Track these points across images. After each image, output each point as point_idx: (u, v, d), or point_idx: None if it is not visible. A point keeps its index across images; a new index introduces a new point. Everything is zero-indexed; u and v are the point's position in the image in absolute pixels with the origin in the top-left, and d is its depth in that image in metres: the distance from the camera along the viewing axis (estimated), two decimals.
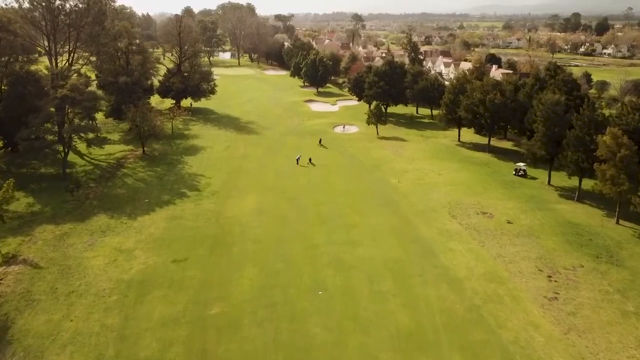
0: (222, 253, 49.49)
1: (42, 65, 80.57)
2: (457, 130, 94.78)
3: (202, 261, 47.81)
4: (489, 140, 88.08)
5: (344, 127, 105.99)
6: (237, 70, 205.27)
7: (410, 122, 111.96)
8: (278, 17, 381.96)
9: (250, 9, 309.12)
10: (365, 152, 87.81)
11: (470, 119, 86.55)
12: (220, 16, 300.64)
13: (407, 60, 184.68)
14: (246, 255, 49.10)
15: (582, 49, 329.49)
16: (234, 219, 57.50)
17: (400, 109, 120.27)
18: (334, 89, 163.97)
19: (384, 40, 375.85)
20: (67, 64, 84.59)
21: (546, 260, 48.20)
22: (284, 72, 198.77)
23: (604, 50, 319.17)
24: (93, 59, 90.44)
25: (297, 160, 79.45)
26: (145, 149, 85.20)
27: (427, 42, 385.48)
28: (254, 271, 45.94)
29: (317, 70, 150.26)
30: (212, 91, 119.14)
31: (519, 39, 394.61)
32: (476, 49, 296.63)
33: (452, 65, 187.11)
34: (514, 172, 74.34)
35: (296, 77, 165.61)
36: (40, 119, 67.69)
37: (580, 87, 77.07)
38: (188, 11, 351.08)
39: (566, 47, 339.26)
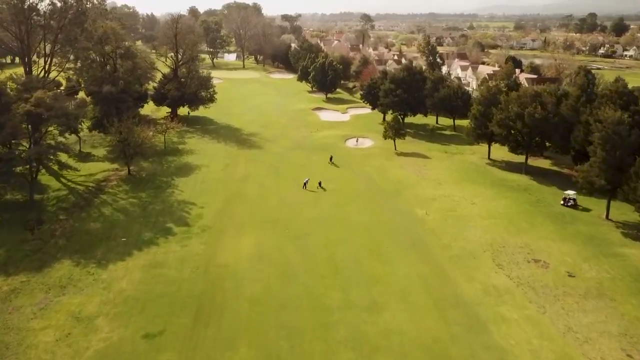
0: (209, 322, 38.38)
1: (9, 73, 69.96)
2: (487, 146, 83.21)
3: (182, 335, 36.74)
4: (526, 160, 76.49)
5: (357, 141, 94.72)
6: (241, 74, 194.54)
7: (431, 134, 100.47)
8: (285, 17, 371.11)
9: (257, 8, 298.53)
10: (383, 172, 76.55)
11: (504, 135, 75.09)
12: (225, 16, 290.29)
13: (421, 63, 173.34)
14: (240, 326, 37.95)
15: (601, 51, 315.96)
16: (227, 269, 46.41)
17: (418, 119, 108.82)
18: (344, 95, 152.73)
19: (393, 41, 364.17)
20: (43, 71, 74.04)
21: (633, 338, 36.73)
22: (290, 76, 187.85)
23: (625, 52, 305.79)
24: (73, 65, 79.42)
25: (305, 184, 68.32)
26: (131, 169, 74.41)
27: (439, 43, 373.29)
28: (249, 354, 34.80)
29: (326, 75, 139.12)
30: (212, 99, 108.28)
31: (533, 40, 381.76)
32: (492, 51, 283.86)
33: (470, 68, 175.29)
34: (561, 202, 62.76)
35: (303, 81, 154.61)
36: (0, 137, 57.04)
37: (638, 99, 65.55)
38: (193, 11, 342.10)
39: (584, 48, 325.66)
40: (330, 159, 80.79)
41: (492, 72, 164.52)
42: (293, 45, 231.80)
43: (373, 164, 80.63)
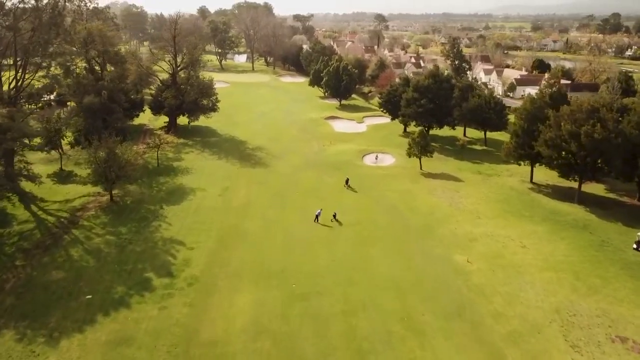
0: None
1: None
2: (529, 167, 71.19)
3: None
4: (579, 186, 64.38)
5: (376, 158, 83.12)
6: (249, 77, 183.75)
7: (460, 150, 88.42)
8: (297, 17, 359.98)
9: (267, 8, 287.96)
10: (409, 199, 64.95)
11: (554, 158, 63.10)
12: (235, 16, 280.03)
13: (443, 67, 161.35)
14: None
15: (628, 52, 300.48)
16: (214, 350, 35.21)
17: (443, 131, 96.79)
18: (359, 101, 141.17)
19: (409, 42, 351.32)
20: (14, 81, 63.52)
21: None
22: (301, 79, 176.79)
23: None
24: (44, 73, 68.68)
25: (317, 216, 56.96)
26: (114, 193, 63.69)
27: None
28: None
29: (340, 80, 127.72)
30: (213, 108, 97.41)
31: (555, 41, 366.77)
32: (517, 53, 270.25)
33: (494, 72, 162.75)
34: (634, 246, 50.70)
35: (315, 86, 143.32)
36: None
37: None
38: (202, 11, 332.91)
39: (610, 50, 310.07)
40: (346, 182, 69.32)
41: (519, 76, 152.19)
42: (305, 46, 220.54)
43: (397, 188, 69.03)
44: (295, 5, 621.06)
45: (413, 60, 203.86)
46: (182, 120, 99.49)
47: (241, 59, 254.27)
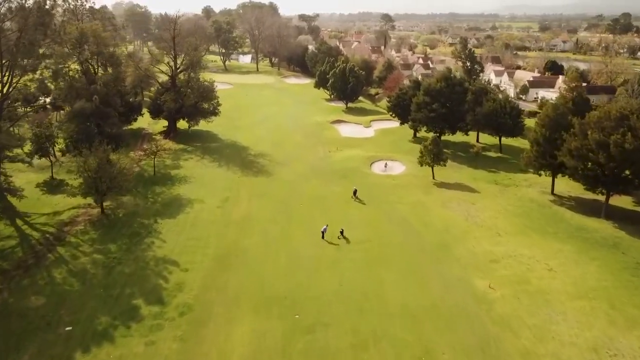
0: None
1: None
2: (550, 177, 66.44)
3: None
4: (607, 200, 59.57)
5: (385, 166, 78.53)
6: (254, 78, 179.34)
7: (474, 157, 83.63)
8: (302, 17, 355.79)
9: (273, 8, 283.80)
10: (423, 212, 60.38)
11: (579, 169, 58.38)
12: (240, 15, 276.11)
13: (452, 68, 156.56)
14: None
15: None
16: None
17: (455, 137, 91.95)
18: (366, 104, 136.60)
19: (415, 42, 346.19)
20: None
21: None
22: (306, 81, 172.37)
23: None
24: (31, 76, 64.53)
25: (323, 232, 52.51)
26: (105, 205, 59.57)
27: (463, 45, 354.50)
28: None
29: (347, 82, 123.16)
30: (214, 112, 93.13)
31: (564, 41, 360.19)
32: (528, 54, 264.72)
33: (505, 74, 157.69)
34: None
35: (321, 88, 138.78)
36: None
37: None
38: (207, 11, 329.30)
39: (622, 51, 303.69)
40: (354, 193, 64.79)
41: (532, 78, 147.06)
42: (310, 47, 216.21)
43: (408, 200, 64.47)
44: (300, 5, 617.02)
45: (421, 61, 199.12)
46: (183, 124, 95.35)
47: (246, 59, 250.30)
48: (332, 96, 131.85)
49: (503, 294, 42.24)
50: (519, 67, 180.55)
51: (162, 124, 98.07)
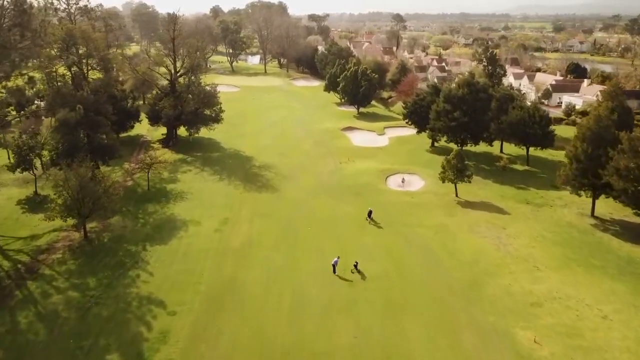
0: None
1: None
2: (591, 198, 58.79)
3: None
4: None
5: (403, 181, 71.25)
6: (261, 80, 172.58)
7: (501, 171, 76.00)
8: (312, 17, 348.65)
9: (282, 7, 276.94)
10: (447, 239, 53.08)
11: (630, 191, 50.79)
12: (249, 15, 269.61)
13: (467, 70, 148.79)
14: None
15: None
16: None
17: (476, 147, 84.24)
18: (379, 109, 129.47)
19: (427, 42, 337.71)
20: None
21: None
22: (316, 83, 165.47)
23: None
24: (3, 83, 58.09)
25: (334, 266, 45.46)
26: (90, 227, 53.08)
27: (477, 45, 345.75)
28: None
29: (359, 86, 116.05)
30: (217, 119, 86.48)
31: (581, 42, 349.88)
32: (548, 55, 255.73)
33: (525, 77, 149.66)
34: None
35: (331, 91, 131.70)
36: None
37: None
38: (215, 10, 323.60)
39: None
40: (369, 214, 57.62)
41: (554, 82, 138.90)
42: (320, 48, 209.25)
43: (430, 222, 57.21)
44: (310, 5, 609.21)
45: (435, 62, 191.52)
46: (184, 131, 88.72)
47: (254, 60, 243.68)
48: (342, 100, 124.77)
49: (552, 351, 34.89)
50: (538, 70, 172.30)
51: (162, 130, 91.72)
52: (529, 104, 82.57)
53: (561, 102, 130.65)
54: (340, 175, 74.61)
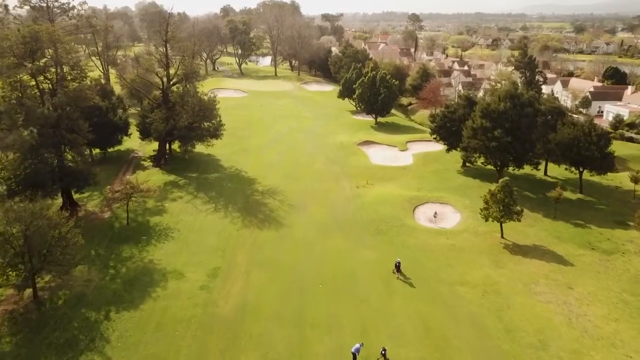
0: None
1: None
2: None
3: None
4: None
5: (435, 215, 59.00)
6: (271, 84, 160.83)
7: (548, 200, 63.28)
8: (325, 17, 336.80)
9: (294, 7, 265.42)
10: (499, 304, 40.86)
11: None
12: (260, 15, 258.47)
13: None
14: None
15: None
16: None
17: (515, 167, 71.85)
18: (399, 117, 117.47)
19: (444, 43, 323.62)
20: None
21: None
22: (329, 88, 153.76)
23: None
24: None
25: (355, 355, 33.55)
26: (45, 282, 41.86)
27: (496, 46, 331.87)
28: None
29: (377, 94, 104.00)
30: (215, 134, 74.99)
31: (607, 43, 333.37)
32: (581, 57, 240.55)
33: (559, 82, 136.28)
34: None
35: (346, 98, 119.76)
36: None
37: None
38: (226, 10, 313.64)
39: None
40: (396, 266, 45.54)
41: (593, 89, 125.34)
42: (334, 49, 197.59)
43: (474, 278, 45.05)
44: (323, 6, 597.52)
45: (457, 65, 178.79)
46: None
47: (266, 61, 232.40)
48: (358, 108, 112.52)
49: None
50: (570, 74, 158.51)
51: (155, 145, 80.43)
52: (580, 118, 69.73)
53: (602, 112, 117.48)
54: (358, 204, 62.63)
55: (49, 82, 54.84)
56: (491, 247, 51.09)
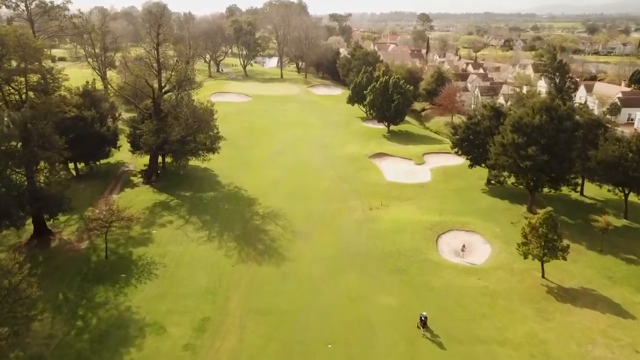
0: None
1: None
2: None
3: None
4: None
5: (463, 249, 50.94)
6: (276, 87, 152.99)
7: (590, 227, 54.83)
8: (333, 17, 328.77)
9: (301, 6, 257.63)
10: None
11: None
12: (266, 15, 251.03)
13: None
14: None
15: None
16: None
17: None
18: (412, 124, 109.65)
19: (455, 43, 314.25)
20: None
21: None
22: (338, 91, 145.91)
23: None
24: None
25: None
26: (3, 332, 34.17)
27: (509, 46, 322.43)
28: None
29: (390, 100, 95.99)
30: (212, 148, 67.40)
31: (624, 44, 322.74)
32: (605, 59, 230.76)
33: (583, 87, 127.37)
34: None
35: (355, 104, 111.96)
36: None
37: None
38: (231, 10, 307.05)
39: None
40: (422, 321, 37.54)
41: (621, 94, 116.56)
42: (342, 50, 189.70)
43: (516, 335, 37.05)
44: (329, 6, 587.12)
45: (471, 67, 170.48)
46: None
47: (272, 62, 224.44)
48: (370, 115, 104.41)
49: None
50: (593, 78, 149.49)
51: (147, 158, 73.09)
52: (625, 132, 61.39)
53: (632, 119, 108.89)
54: (372, 231, 54.78)
55: (16, 92, 47.46)
56: (532, 291, 43.08)
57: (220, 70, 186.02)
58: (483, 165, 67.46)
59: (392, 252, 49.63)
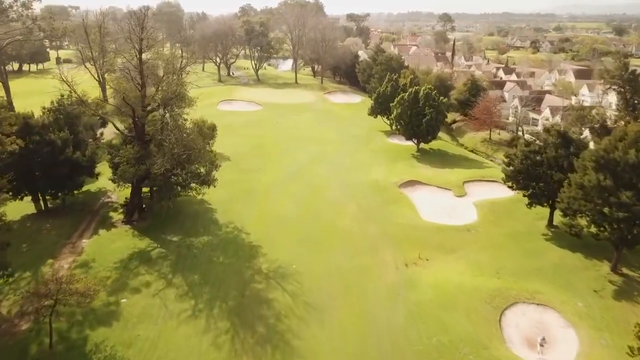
0: None
1: None
2: None
3: None
4: None
5: (542, 344, 36.74)
6: (290, 94, 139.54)
7: None
8: (351, 17, 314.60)
9: (318, 6, 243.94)
10: None
11: None
12: (281, 15, 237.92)
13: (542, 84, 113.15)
14: None
15: None
16: None
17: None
18: (444, 140, 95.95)
19: (480, 45, 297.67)
20: None
21: None
22: (357, 99, 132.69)
23: None
24: None
25: None
26: None
27: (535, 48, 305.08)
28: None
29: (421, 114, 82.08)
30: (206, 181, 54.15)
31: None
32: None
33: None
34: None
35: (378, 115, 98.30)
36: None
37: None
38: (245, 10, 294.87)
39: None
40: None
41: None
42: (361, 53, 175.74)
43: None
44: (346, 5, 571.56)
45: (502, 72, 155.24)
46: None
47: (287, 65, 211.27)
48: (397, 131, 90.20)
49: None
50: None
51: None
52: None
53: None
54: (412, 305, 41.08)
55: None
56: None
57: (231, 73, 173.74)
58: (545, 204, 53.52)
59: (442, 344, 35.90)
